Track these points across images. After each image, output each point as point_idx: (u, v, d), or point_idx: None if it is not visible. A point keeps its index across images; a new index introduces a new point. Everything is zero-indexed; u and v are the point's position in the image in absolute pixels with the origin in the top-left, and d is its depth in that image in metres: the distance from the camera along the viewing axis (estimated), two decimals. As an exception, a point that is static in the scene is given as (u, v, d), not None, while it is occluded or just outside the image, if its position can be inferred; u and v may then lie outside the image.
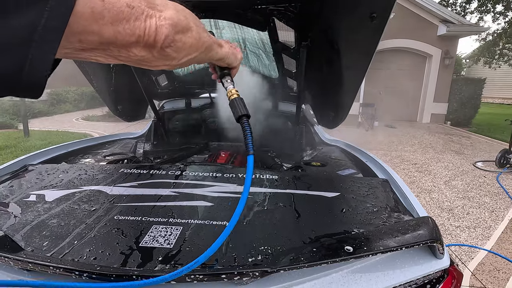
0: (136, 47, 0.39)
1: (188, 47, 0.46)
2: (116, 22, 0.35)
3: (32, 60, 0.29)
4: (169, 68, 0.48)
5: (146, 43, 0.39)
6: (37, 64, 0.30)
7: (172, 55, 0.43)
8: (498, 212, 3.64)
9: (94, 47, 0.36)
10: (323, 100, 2.04)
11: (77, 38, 0.34)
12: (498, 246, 2.85)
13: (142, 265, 0.71)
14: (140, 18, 0.38)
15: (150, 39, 0.39)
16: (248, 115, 0.62)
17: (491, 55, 10.87)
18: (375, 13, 1.08)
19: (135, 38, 0.38)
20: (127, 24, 0.36)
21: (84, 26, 0.33)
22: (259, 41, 1.80)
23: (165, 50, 0.42)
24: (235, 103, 0.63)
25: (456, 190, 4.34)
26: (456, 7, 12.31)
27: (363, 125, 9.62)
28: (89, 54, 0.38)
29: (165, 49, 0.42)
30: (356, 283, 0.73)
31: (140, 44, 0.39)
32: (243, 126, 0.61)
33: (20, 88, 0.30)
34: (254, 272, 0.65)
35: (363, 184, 1.24)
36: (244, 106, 0.63)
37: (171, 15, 0.41)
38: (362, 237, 0.81)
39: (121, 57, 0.40)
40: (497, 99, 18.30)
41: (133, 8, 0.37)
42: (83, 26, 0.33)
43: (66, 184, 1.20)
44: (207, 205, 1.04)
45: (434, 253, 0.81)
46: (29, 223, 0.89)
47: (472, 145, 7.48)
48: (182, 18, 0.43)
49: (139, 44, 0.39)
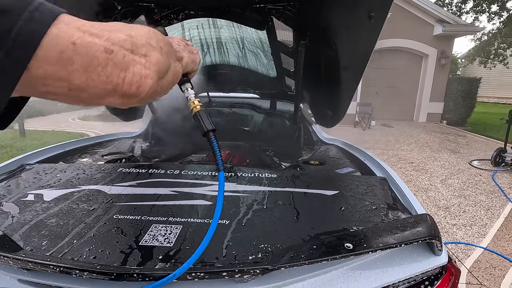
0: (113, 96, 0.34)
1: (166, 88, 0.42)
2: (90, 68, 0.30)
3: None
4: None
5: (126, 93, 0.34)
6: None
7: (150, 100, 0.39)
8: (494, 210, 3.68)
9: (62, 92, 0.31)
10: (321, 99, 2.05)
11: (41, 82, 0.29)
12: (494, 244, 2.88)
13: (142, 263, 0.71)
14: (120, 65, 0.32)
15: (132, 89, 0.34)
16: (214, 129, 0.59)
17: (486, 55, 10.98)
18: (373, 12, 1.09)
19: (112, 87, 0.32)
20: (103, 71, 0.31)
21: (49, 71, 0.28)
22: (257, 40, 1.80)
23: (147, 100, 0.37)
24: (200, 117, 0.58)
25: (452, 189, 4.38)
26: (452, 7, 12.40)
27: (360, 124, 9.66)
28: (57, 97, 0.32)
29: (147, 99, 0.37)
30: (355, 280, 0.74)
31: (118, 93, 0.33)
32: (211, 142, 0.58)
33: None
34: (255, 269, 0.65)
35: (362, 182, 1.25)
36: (209, 120, 0.59)
37: (157, 59, 0.36)
38: (362, 235, 0.82)
39: (93, 103, 0.35)
40: (492, 98, 18.48)
41: (112, 52, 0.31)
42: (47, 71, 0.28)
43: (64, 184, 1.19)
44: (207, 204, 1.04)
45: (432, 250, 0.82)
46: (27, 223, 0.89)
47: (468, 144, 7.54)
48: (165, 58, 0.38)
49: (116, 93, 0.33)
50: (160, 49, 0.37)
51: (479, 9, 10.98)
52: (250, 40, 1.85)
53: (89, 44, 0.30)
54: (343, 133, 8.26)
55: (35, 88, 0.29)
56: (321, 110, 2.17)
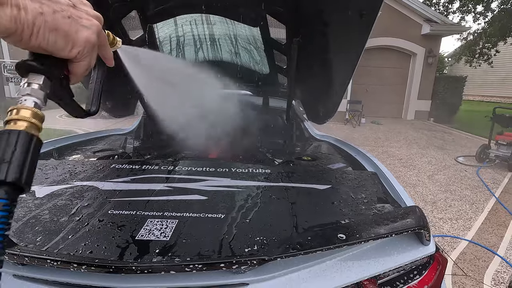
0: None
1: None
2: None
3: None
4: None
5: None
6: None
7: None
8: (478, 204, 3.81)
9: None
10: (313, 96, 2.08)
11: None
12: (478, 236, 2.99)
13: (139, 257, 0.72)
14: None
15: None
16: (16, 183, 0.30)
17: (472, 54, 11.25)
18: (364, 10, 1.11)
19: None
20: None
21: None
22: (250, 36, 1.81)
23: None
24: (3, 144, 0.31)
25: (439, 184, 4.51)
26: (439, 6, 12.64)
27: (350, 122, 9.79)
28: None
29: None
30: (348, 269, 0.77)
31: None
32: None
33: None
34: (252, 260, 0.67)
35: (353, 177, 1.28)
36: (14, 161, 0.30)
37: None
38: (354, 226, 0.84)
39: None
40: (477, 96, 18.99)
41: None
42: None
43: (56, 180, 1.18)
44: (201, 198, 1.05)
45: (421, 240, 0.86)
46: (20, 219, 0.88)
47: (454, 141, 7.76)
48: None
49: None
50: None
51: (465, 9, 11.23)
52: (243, 37, 1.85)
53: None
54: (334, 131, 8.36)
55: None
56: (313, 107, 2.20)
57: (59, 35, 0.35)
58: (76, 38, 0.36)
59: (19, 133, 0.32)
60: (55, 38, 0.34)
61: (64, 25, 0.35)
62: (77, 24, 0.37)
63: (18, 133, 0.32)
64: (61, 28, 0.35)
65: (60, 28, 0.35)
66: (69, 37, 0.36)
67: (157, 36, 1.81)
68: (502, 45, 10.64)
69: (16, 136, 0.32)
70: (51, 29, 0.34)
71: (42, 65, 0.35)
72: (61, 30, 0.35)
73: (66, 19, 0.35)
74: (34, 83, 0.35)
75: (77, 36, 0.36)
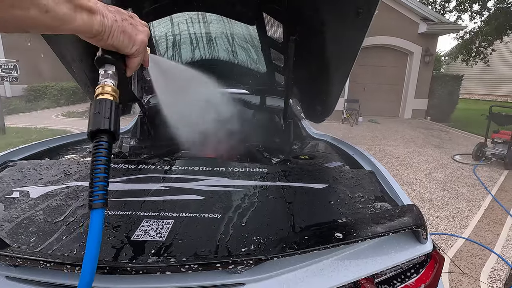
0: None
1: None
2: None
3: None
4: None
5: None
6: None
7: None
8: (475, 202, 3.83)
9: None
10: (310, 94, 2.07)
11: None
12: (475, 234, 3.01)
13: (134, 258, 0.71)
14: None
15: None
16: (111, 131, 0.47)
17: (468, 53, 11.30)
18: (361, 8, 1.11)
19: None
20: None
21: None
22: (247, 35, 1.80)
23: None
24: (100, 107, 0.46)
25: (436, 182, 4.53)
26: (436, 5, 12.68)
27: (348, 120, 9.81)
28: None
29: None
30: (346, 268, 0.76)
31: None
32: (95, 150, 0.46)
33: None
34: (248, 260, 0.66)
35: (350, 175, 1.28)
36: (112, 118, 0.47)
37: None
38: (351, 225, 0.84)
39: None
40: (473, 95, 19.10)
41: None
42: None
43: (50, 180, 1.16)
44: (198, 198, 1.04)
45: (418, 239, 0.85)
46: (13, 220, 0.87)
47: (451, 139, 7.80)
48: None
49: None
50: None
51: (461, 8, 11.27)
52: (239, 35, 1.84)
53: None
54: (331, 129, 8.38)
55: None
56: (310, 106, 2.20)
57: (126, 36, 0.47)
58: (136, 39, 0.49)
59: (111, 102, 0.47)
60: (123, 39, 0.47)
61: (129, 29, 0.47)
62: (136, 29, 0.49)
63: (110, 101, 0.47)
64: (127, 31, 0.47)
65: (127, 31, 0.47)
66: (131, 38, 0.48)
67: (153, 35, 1.80)
68: (498, 43, 10.70)
69: (110, 103, 0.47)
70: (121, 31, 0.46)
71: (114, 58, 0.49)
72: (127, 32, 0.47)
73: (130, 25, 0.48)
74: (109, 71, 0.49)
75: (137, 37, 0.49)
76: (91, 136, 0.47)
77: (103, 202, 0.48)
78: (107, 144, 0.46)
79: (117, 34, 0.45)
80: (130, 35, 0.48)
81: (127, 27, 0.47)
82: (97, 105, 0.47)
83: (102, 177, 0.47)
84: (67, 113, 10.03)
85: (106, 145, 0.46)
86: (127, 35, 0.47)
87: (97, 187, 0.47)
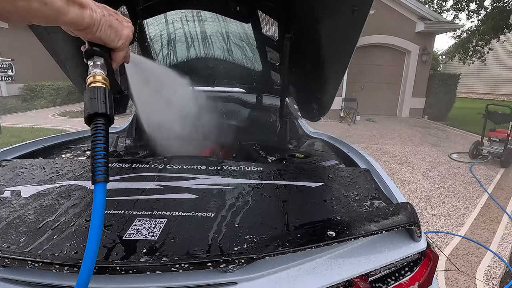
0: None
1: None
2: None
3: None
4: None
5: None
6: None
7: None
8: (471, 200, 3.85)
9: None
10: (306, 93, 2.06)
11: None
12: (471, 232, 3.02)
13: (126, 257, 0.70)
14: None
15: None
16: (107, 114, 0.50)
17: (465, 52, 11.33)
18: (356, 6, 1.10)
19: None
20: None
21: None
22: (242, 33, 1.79)
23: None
24: (96, 93, 0.49)
25: (433, 181, 4.54)
26: (433, 4, 12.71)
27: (345, 119, 9.82)
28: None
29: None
30: (339, 267, 0.76)
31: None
32: (94, 131, 0.49)
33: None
34: (240, 259, 0.66)
35: (346, 173, 1.27)
36: (106, 102, 0.50)
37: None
38: (344, 223, 0.84)
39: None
40: (470, 94, 19.18)
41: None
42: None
43: (43, 180, 1.15)
44: (192, 197, 1.03)
45: (412, 237, 0.85)
46: (3, 220, 0.85)
47: (448, 138, 7.83)
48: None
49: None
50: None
51: (458, 7, 11.28)
52: (235, 33, 1.83)
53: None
54: (329, 128, 8.38)
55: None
56: (306, 104, 2.19)
57: (112, 30, 0.50)
58: (122, 33, 0.52)
59: (104, 88, 0.50)
60: (110, 32, 0.49)
61: (115, 24, 0.50)
62: (121, 25, 0.52)
63: (103, 88, 0.50)
64: (114, 25, 0.50)
65: (113, 25, 0.49)
66: (118, 32, 0.51)
67: (147, 33, 1.78)
68: (495, 42, 10.73)
69: (104, 89, 0.50)
70: (108, 26, 0.48)
71: (102, 50, 0.51)
72: (114, 27, 0.50)
73: (116, 20, 0.50)
74: (98, 62, 0.51)
75: (122, 32, 0.52)
76: (88, 119, 0.50)
77: (105, 176, 0.51)
78: (104, 126, 0.50)
79: (105, 28, 0.48)
80: (117, 29, 0.50)
81: (113, 22, 0.50)
82: (92, 92, 0.50)
83: (103, 155, 0.50)
84: (63, 113, 9.97)
85: (104, 126, 0.50)
86: (113, 29, 0.50)
87: (99, 163, 0.50)
